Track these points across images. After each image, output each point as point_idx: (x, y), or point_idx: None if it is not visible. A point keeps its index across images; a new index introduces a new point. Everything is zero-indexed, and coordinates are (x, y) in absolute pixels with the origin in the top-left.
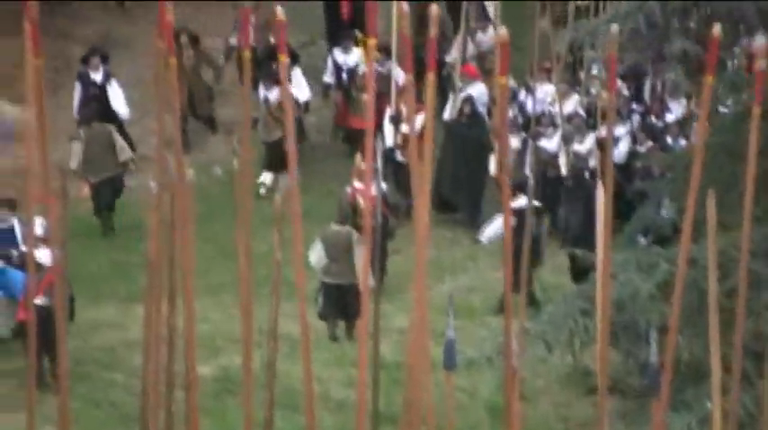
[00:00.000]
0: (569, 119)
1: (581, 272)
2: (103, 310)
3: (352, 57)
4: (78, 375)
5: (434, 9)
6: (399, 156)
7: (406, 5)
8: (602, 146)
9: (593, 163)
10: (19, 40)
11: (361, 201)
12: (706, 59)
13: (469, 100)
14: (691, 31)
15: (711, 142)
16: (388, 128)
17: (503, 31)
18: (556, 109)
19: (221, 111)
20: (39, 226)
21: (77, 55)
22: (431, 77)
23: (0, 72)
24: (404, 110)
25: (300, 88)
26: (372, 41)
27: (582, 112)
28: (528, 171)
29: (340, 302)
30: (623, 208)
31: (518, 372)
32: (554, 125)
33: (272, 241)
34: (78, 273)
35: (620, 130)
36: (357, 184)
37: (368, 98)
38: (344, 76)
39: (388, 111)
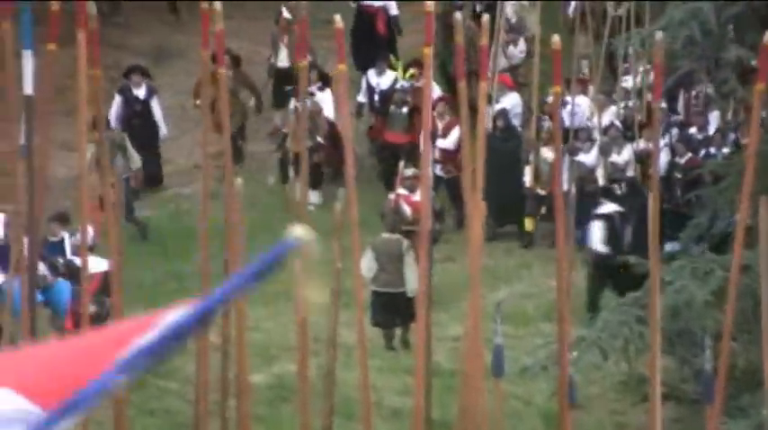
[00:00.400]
0: (606, 130)
1: (636, 280)
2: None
3: (385, 79)
4: (133, 384)
5: (458, 17)
6: (438, 171)
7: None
8: (641, 158)
9: (631, 173)
10: (71, 49)
11: (405, 207)
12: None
13: (503, 113)
14: (746, 39)
15: (763, 149)
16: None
17: (556, 38)
18: (594, 122)
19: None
20: (88, 235)
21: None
22: (461, 87)
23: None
24: (439, 125)
25: (329, 110)
26: (426, 51)
27: (618, 124)
28: (566, 185)
29: (391, 310)
30: (670, 218)
31: (572, 379)
32: (591, 139)
33: (324, 252)
34: (133, 281)
35: (659, 142)
36: (402, 191)
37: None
38: (377, 98)
39: None
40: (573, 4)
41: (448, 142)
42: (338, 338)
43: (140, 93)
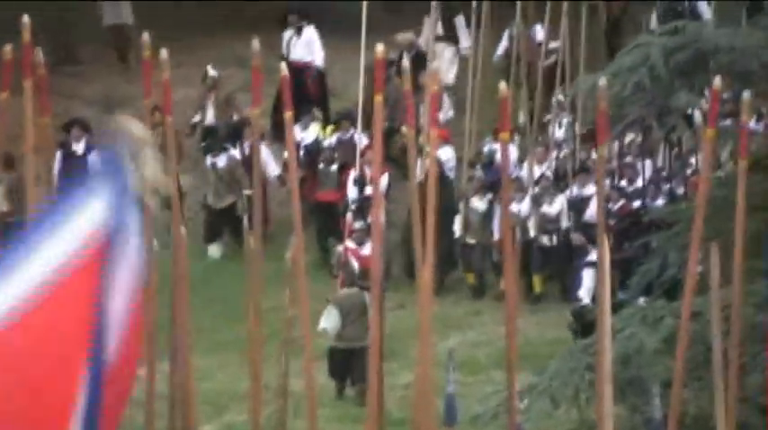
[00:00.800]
0: (537, 181)
1: (587, 327)
2: None
3: (309, 133)
4: None
5: (405, 63)
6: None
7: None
8: (575, 205)
9: (565, 223)
10: (21, 98)
11: (354, 262)
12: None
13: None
14: (695, 85)
15: (715, 195)
16: (351, 190)
17: (503, 86)
18: (524, 172)
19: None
20: None
21: (83, 115)
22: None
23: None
24: (367, 172)
25: (269, 164)
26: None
27: (550, 174)
28: (496, 234)
29: (351, 365)
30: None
31: (522, 428)
32: (522, 188)
33: (272, 299)
34: None
35: (591, 189)
36: (350, 244)
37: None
38: (301, 152)
39: (352, 174)
40: (502, 47)
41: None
42: (288, 387)
43: (79, 148)
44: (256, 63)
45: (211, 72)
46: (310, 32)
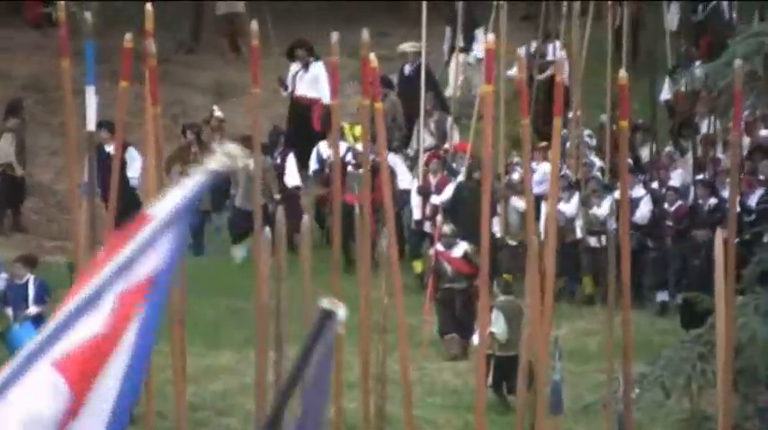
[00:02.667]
0: (587, 182)
1: (696, 317)
2: (220, 357)
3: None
4: (195, 421)
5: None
6: (429, 228)
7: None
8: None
9: (613, 225)
10: (135, 87)
11: (446, 264)
12: None
13: (479, 165)
14: None
15: None
16: (415, 200)
17: (622, 74)
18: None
19: None
20: None
21: (195, 103)
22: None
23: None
24: (432, 180)
25: (292, 174)
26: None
27: (599, 175)
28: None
29: (509, 373)
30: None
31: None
32: (570, 186)
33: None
34: (196, 319)
35: (640, 191)
36: (440, 248)
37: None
38: (327, 170)
39: (415, 183)
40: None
41: (442, 198)
42: (395, 375)
43: (111, 148)
44: (365, 54)
45: (217, 113)
46: (318, 68)
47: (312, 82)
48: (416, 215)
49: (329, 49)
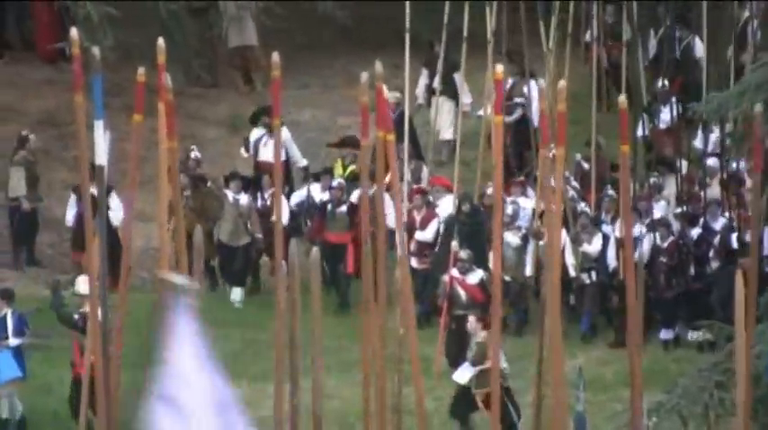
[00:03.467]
0: (576, 218)
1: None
2: (236, 389)
3: (326, 194)
4: None
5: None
6: (414, 263)
7: None
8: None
9: (614, 263)
10: (148, 121)
11: (460, 290)
12: None
13: (467, 197)
14: None
15: None
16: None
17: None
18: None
19: None
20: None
21: (209, 136)
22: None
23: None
24: (417, 217)
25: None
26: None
27: (589, 211)
28: (528, 271)
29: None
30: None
31: None
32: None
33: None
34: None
35: (640, 229)
36: (455, 274)
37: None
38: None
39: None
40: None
41: (426, 234)
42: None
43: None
44: (363, 99)
45: (194, 154)
46: (283, 133)
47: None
48: (400, 252)
49: (341, 81)
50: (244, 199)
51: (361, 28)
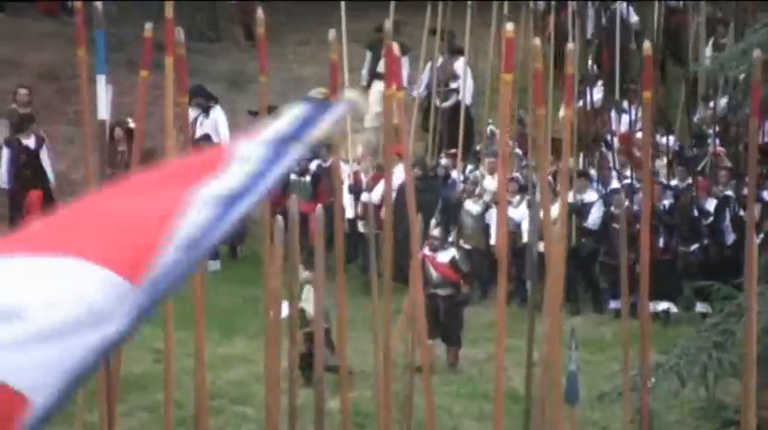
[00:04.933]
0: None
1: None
2: (235, 345)
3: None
4: (211, 409)
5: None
6: (361, 228)
7: None
8: (578, 212)
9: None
10: (153, 75)
11: (431, 269)
12: None
13: (421, 161)
14: None
15: None
16: (347, 198)
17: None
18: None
19: None
20: None
21: (213, 92)
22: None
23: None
24: (363, 179)
25: None
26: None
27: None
28: (493, 239)
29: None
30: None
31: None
32: (522, 190)
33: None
34: (210, 307)
35: (593, 196)
36: (427, 252)
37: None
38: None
39: (346, 182)
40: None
41: (374, 196)
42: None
43: (30, 142)
44: (332, 55)
45: (131, 123)
46: (217, 113)
47: (212, 127)
48: (349, 214)
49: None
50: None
51: None
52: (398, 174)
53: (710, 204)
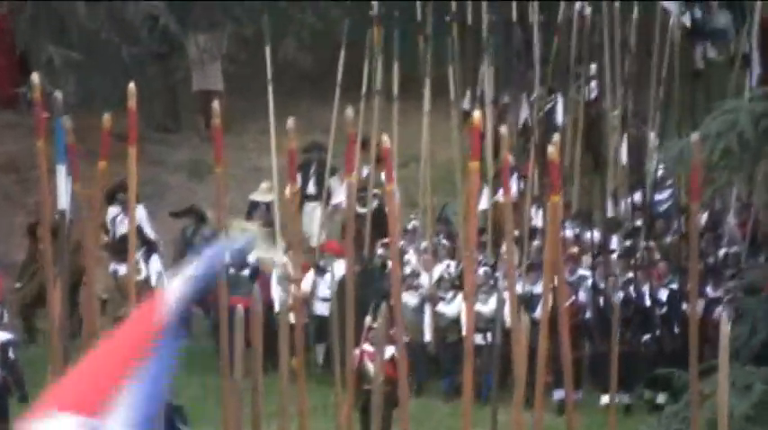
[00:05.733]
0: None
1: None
2: None
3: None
4: None
5: None
6: (291, 319)
7: None
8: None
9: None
10: (112, 165)
11: (370, 365)
12: None
13: (359, 258)
14: None
15: None
16: (276, 289)
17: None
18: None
19: None
20: None
21: (170, 182)
22: None
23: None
24: (291, 271)
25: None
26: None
27: (489, 270)
28: (428, 335)
29: None
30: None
31: None
32: (455, 287)
33: None
34: (177, 396)
35: (585, 272)
36: (366, 347)
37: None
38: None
39: (275, 272)
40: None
41: (304, 287)
42: None
43: None
44: (291, 145)
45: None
46: (140, 212)
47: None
48: (277, 308)
49: (302, 126)
50: (123, 269)
51: (326, 73)
52: (338, 270)
53: (663, 294)
